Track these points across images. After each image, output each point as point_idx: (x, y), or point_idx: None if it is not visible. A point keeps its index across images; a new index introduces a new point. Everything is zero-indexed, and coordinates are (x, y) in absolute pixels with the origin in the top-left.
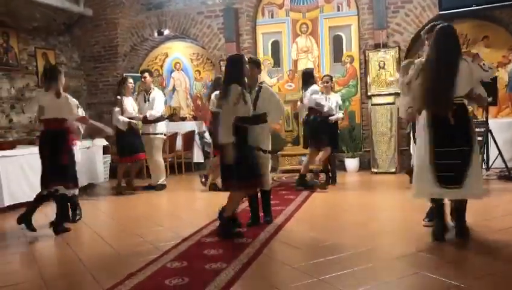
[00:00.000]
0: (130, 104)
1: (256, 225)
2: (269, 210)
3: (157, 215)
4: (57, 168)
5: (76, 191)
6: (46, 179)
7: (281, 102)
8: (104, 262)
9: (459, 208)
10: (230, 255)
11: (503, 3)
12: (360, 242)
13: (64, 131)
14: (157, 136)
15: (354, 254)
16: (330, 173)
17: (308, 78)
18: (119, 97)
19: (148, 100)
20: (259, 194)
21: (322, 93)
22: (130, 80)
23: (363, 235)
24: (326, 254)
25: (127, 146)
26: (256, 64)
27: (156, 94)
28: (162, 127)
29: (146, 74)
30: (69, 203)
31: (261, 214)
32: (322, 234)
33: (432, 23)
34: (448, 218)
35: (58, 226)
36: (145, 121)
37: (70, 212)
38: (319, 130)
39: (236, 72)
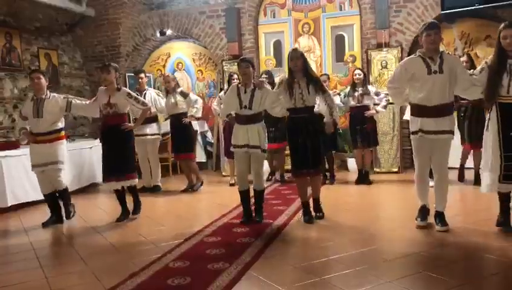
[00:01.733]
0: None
1: (248, 222)
2: (261, 210)
3: (159, 215)
4: None
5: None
6: None
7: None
8: (106, 261)
9: None
10: (232, 255)
11: (505, 3)
12: (363, 242)
13: None
14: (154, 136)
15: (356, 254)
16: (328, 173)
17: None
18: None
19: (184, 97)
20: (251, 192)
21: None
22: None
23: (365, 234)
24: (328, 254)
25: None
26: (250, 63)
27: (155, 94)
28: (158, 128)
29: (142, 75)
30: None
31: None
32: (324, 234)
33: (428, 21)
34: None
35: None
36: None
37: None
38: None
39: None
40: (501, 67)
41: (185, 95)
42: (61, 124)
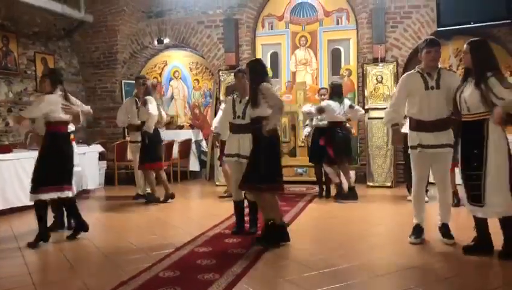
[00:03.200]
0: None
1: (241, 233)
2: (255, 221)
3: (151, 224)
4: None
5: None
6: None
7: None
8: (96, 269)
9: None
10: (223, 266)
11: (500, 22)
12: (355, 256)
13: None
14: None
15: (348, 268)
16: (324, 186)
17: (339, 91)
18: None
19: (144, 106)
20: (245, 202)
21: None
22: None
23: (357, 248)
24: (319, 267)
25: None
26: (245, 74)
27: (153, 101)
28: None
29: (146, 80)
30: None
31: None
32: (315, 247)
33: (428, 38)
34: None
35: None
36: (136, 128)
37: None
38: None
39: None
40: (461, 85)
41: (144, 103)
42: (72, 127)
